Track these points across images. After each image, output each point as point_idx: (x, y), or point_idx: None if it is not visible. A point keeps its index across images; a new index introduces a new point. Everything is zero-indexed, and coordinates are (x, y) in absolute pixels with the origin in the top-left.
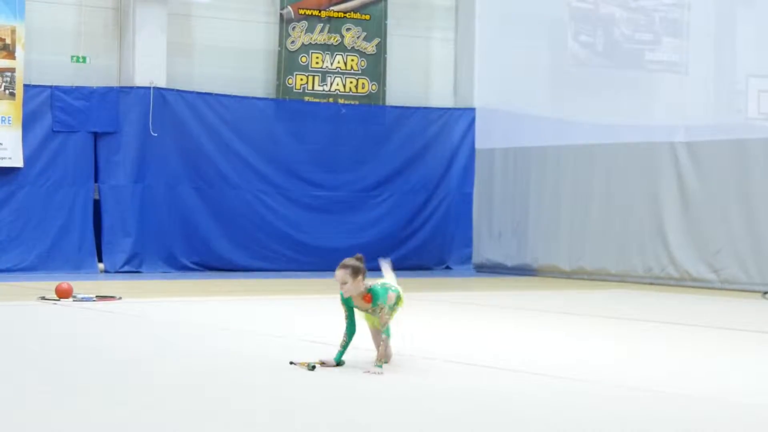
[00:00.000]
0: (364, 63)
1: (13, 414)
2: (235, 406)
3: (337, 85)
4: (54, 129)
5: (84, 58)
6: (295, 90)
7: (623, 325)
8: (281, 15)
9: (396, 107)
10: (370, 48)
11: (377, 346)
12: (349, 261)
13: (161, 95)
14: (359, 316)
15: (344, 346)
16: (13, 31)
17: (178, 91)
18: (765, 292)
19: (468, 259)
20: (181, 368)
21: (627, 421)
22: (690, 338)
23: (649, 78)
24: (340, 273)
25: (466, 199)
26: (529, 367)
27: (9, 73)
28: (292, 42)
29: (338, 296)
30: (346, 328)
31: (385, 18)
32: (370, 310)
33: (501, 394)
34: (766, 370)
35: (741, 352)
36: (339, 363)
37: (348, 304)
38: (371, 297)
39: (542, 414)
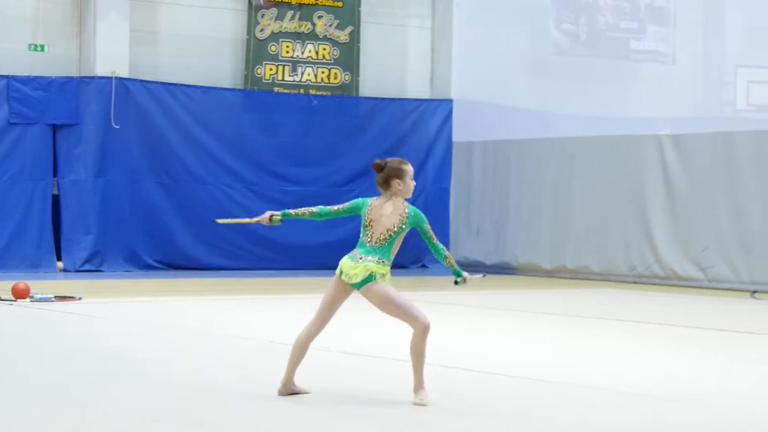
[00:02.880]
0: (336, 52)
1: None
2: (197, 414)
3: (309, 75)
4: (10, 121)
5: (42, 47)
6: (264, 80)
7: (605, 325)
8: (250, 2)
9: (370, 98)
10: (343, 36)
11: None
12: None
13: (123, 85)
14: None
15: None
16: None
17: (141, 81)
18: (754, 292)
19: None
20: (141, 372)
21: (605, 424)
22: (675, 339)
23: (634, 68)
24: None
25: (443, 195)
26: (504, 369)
27: None
28: (261, 30)
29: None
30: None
31: (359, 5)
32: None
33: (481, 398)
34: (753, 372)
35: (729, 354)
36: None
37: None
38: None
39: (518, 416)
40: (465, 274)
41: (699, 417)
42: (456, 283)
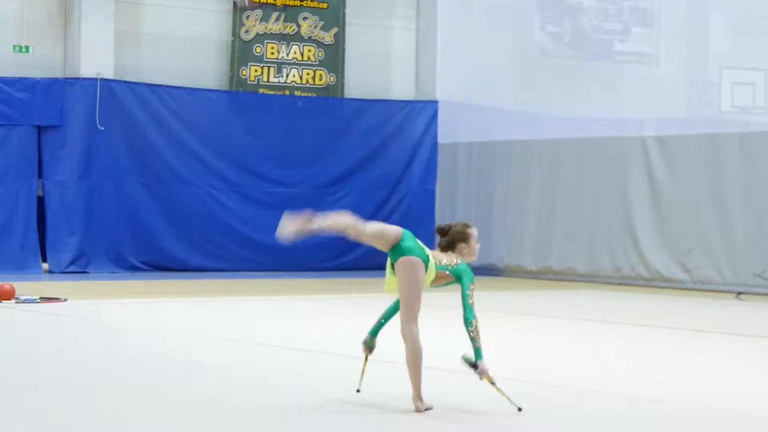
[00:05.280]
0: (321, 53)
1: None
2: (184, 417)
3: (294, 76)
4: None
5: (27, 48)
6: (249, 82)
7: (590, 327)
8: (234, 3)
9: (355, 100)
10: (328, 38)
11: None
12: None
13: (108, 87)
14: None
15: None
16: None
17: (126, 82)
18: (739, 293)
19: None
20: (126, 374)
21: (594, 425)
22: (661, 341)
23: (618, 69)
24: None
25: (429, 196)
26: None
27: None
28: (246, 31)
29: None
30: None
31: (344, 6)
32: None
33: (469, 400)
34: (737, 374)
35: (713, 355)
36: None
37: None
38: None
39: (508, 419)
40: (481, 364)
41: (687, 418)
42: (469, 363)
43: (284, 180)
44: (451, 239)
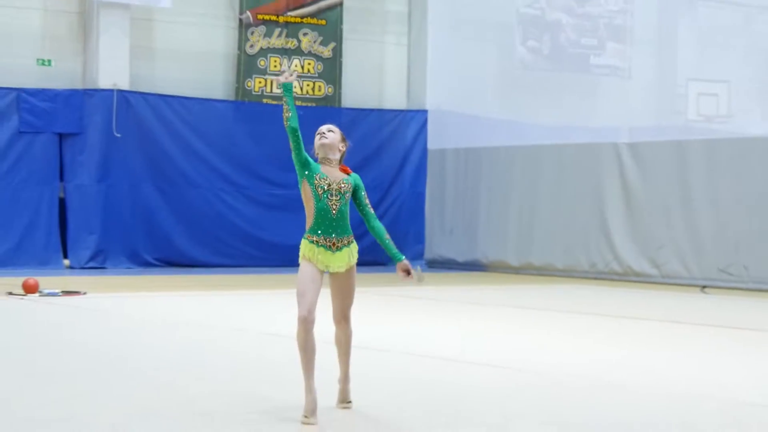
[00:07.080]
0: (320, 66)
1: None
2: (201, 402)
3: (294, 87)
4: (20, 130)
5: (49, 61)
6: (253, 92)
7: (568, 318)
8: (240, 20)
9: (351, 109)
10: (327, 52)
11: None
12: None
13: (124, 97)
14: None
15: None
16: None
17: (140, 93)
18: (704, 287)
19: (420, 255)
20: (142, 363)
21: (568, 411)
22: (631, 331)
23: (593, 81)
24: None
25: (419, 198)
26: (479, 358)
27: None
28: (251, 46)
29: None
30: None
31: (341, 23)
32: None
33: (456, 385)
34: (702, 361)
35: (680, 344)
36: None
37: (309, 168)
38: (349, 170)
39: (494, 403)
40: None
41: (655, 401)
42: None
43: (286, 183)
44: None
